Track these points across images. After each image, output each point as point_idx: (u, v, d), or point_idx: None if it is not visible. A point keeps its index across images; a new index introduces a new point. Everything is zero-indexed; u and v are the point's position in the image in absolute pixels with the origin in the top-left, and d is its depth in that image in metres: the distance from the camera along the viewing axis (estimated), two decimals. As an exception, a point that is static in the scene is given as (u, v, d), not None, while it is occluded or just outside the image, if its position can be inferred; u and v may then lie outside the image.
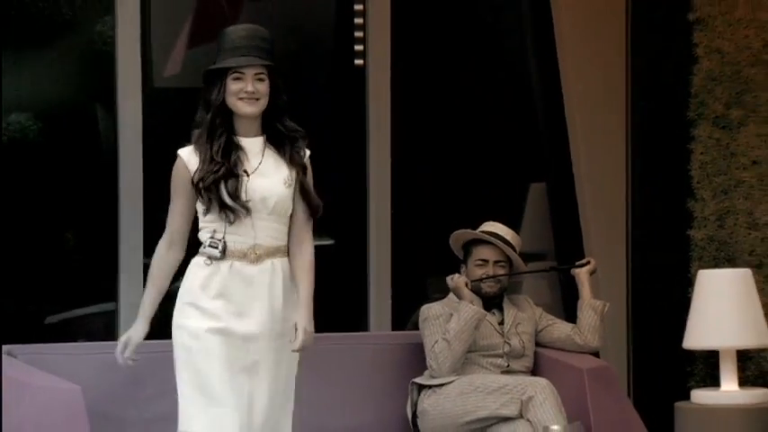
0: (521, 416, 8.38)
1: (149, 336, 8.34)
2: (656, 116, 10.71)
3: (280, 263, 6.00)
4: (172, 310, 7.40)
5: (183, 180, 6.02)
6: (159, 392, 8.38)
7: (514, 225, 10.00)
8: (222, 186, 5.86)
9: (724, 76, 10.23)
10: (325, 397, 9.00)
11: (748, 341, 9.35)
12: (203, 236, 5.85)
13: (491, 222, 9.31)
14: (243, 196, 5.97)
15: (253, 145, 6.07)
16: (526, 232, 10.48)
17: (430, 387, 8.82)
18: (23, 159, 9.90)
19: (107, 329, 9.75)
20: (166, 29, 10.26)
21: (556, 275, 10.57)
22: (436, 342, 8.89)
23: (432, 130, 11.32)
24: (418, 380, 8.86)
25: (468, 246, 9.16)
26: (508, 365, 8.94)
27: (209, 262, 5.73)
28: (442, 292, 9.31)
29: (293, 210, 6.29)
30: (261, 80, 6.05)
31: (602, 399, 8.93)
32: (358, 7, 10.92)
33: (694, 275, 9.64)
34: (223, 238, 5.79)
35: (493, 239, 9.16)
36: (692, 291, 9.51)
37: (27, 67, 9.97)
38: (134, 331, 6.50)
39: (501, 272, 9.06)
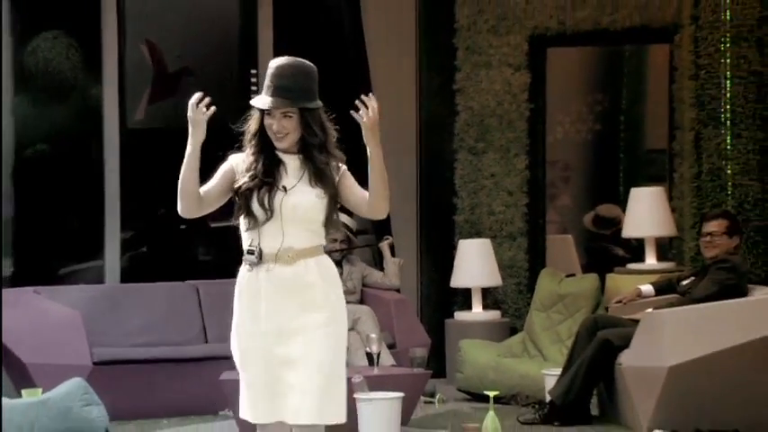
0: (352, 328, 8.90)
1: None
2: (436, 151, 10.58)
3: (314, 261, 4.76)
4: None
5: (228, 175, 4.86)
6: (135, 315, 9.17)
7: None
8: (254, 195, 4.73)
9: (474, 123, 10.38)
10: None
11: (487, 283, 10.01)
12: (244, 245, 4.76)
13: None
14: (273, 206, 4.74)
15: (292, 161, 4.81)
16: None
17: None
18: (41, 171, 10.21)
19: (98, 277, 10.04)
20: (135, 91, 10.41)
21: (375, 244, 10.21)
22: None
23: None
24: None
25: None
26: (346, 300, 9.52)
27: (249, 268, 4.70)
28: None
29: (352, 199, 4.90)
30: (288, 117, 4.79)
31: (402, 318, 9.46)
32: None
33: (457, 244, 10.17)
34: (258, 244, 4.69)
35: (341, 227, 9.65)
36: (456, 252, 10.10)
37: (44, 110, 10.22)
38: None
39: (341, 246, 9.49)
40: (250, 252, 4.80)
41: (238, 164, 4.91)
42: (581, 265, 10.98)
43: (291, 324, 4.73)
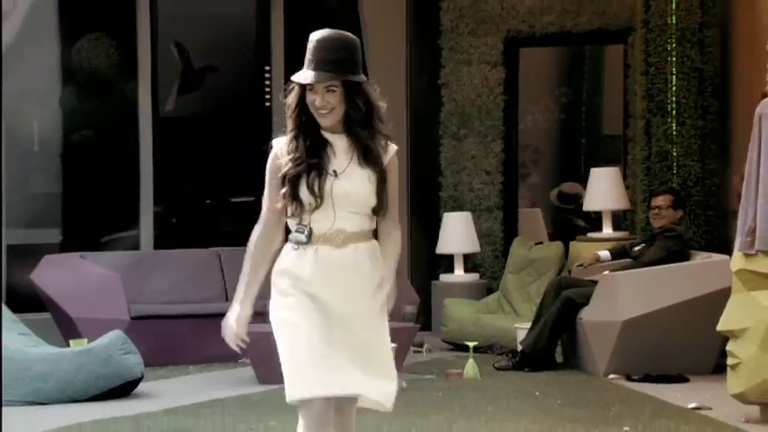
0: None
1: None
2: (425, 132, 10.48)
3: (364, 246, 3.90)
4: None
5: (274, 171, 3.91)
6: (166, 277, 9.17)
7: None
8: (303, 181, 3.85)
9: (456, 113, 10.34)
10: None
11: (467, 250, 10.00)
12: (291, 223, 3.90)
13: None
14: (323, 192, 3.84)
15: (339, 141, 3.91)
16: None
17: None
18: (85, 154, 10.23)
19: (134, 245, 10.05)
20: (166, 85, 10.36)
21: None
22: None
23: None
24: None
25: None
26: None
27: (296, 247, 3.83)
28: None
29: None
30: (332, 92, 3.86)
31: (397, 282, 9.72)
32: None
33: (442, 216, 10.17)
34: (309, 224, 3.83)
35: None
36: (441, 223, 10.06)
37: (88, 102, 10.25)
38: (241, 309, 4.06)
39: None
40: (299, 231, 3.91)
41: (282, 148, 3.98)
42: (548, 234, 10.96)
43: (340, 307, 3.86)
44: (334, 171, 3.92)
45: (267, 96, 10.57)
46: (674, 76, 9.16)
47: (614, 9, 9.90)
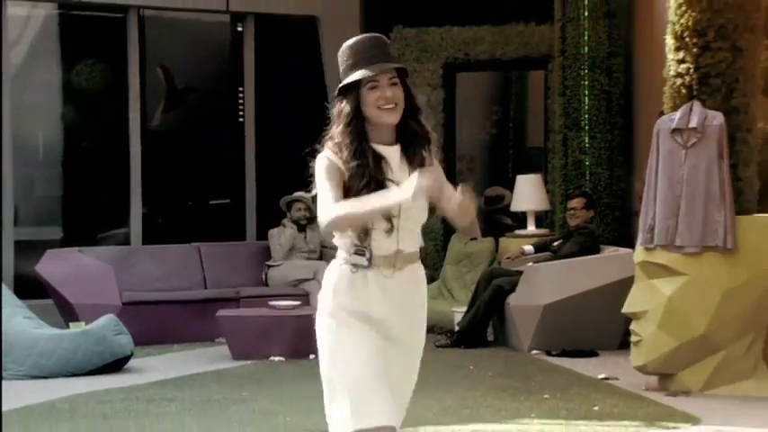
0: (313, 278, 8.78)
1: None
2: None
3: (418, 267, 3.15)
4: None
5: (338, 174, 3.04)
6: (153, 268, 9.08)
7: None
8: None
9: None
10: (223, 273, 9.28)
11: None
12: (345, 241, 3.07)
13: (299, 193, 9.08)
14: (391, 211, 3.02)
15: (393, 153, 3.10)
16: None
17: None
18: (83, 162, 10.11)
19: (125, 240, 9.93)
20: (152, 103, 10.30)
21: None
22: None
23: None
24: (268, 262, 9.14)
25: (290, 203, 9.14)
26: (308, 258, 9.14)
27: (354, 270, 3.05)
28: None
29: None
30: (395, 84, 3.09)
31: None
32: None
33: None
34: (369, 245, 3.03)
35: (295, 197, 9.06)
36: None
37: (85, 117, 10.11)
38: (404, 193, 2.93)
39: (304, 214, 9.12)
40: (359, 253, 3.07)
41: (338, 163, 3.09)
42: (481, 230, 10.93)
43: (399, 334, 3.13)
44: (397, 184, 3.06)
45: (240, 113, 10.51)
46: (586, 97, 9.20)
47: (536, 40, 9.93)
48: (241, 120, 10.46)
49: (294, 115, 10.41)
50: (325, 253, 9.37)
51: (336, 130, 3.13)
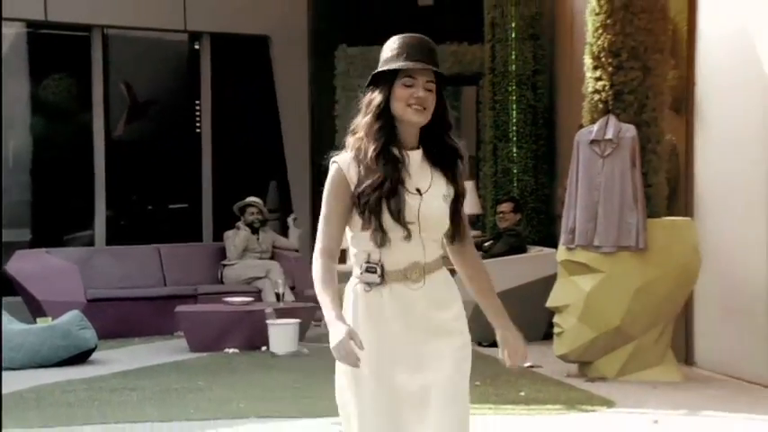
0: (265, 276, 8.75)
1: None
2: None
3: (441, 276, 2.72)
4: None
5: (343, 189, 2.65)
6: (115, 267, 8.88)
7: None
8: (384, 205, 2.62)
9: None
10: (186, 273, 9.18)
11: None
12: (358, 257, 2.66)
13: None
14: (408, 217, 2.63)
15: (414, 157, 2.69)
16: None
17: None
18: (51, 169, 10.00)
19: (89, 242, 9.85)
20: (116, 115, 10.20)
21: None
22: None
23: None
24: (223, 262, 9.08)
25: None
26: (261, 258, 9.01)
27: (368, 288, 2.64)
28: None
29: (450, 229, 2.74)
30: (430, 90, 2.67)
31: (299, 269, 8.83)
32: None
33: None
34: (380, 259, 2.62)
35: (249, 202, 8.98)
36: None
37: (53, 128, 10.01)
38: (345, 329, 2.54)
39: (257, 217, 9.04)
40: (370, 270, 2.65)
41: (350, 166, 2.67)
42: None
43: (422, 350, 2.66)
44: (417, 190, 2.68)
45: (197, 124, 10.45)
46: (514, 111, 9.21)
47: (469, 59, 9.91)
48: (198, 131, 10.40)
49: (247, 126, 10.44)
50: (276, 253, 9.32)
51: (362, 121, 2.70)
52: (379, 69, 2.70)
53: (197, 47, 10.37)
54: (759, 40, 6.13)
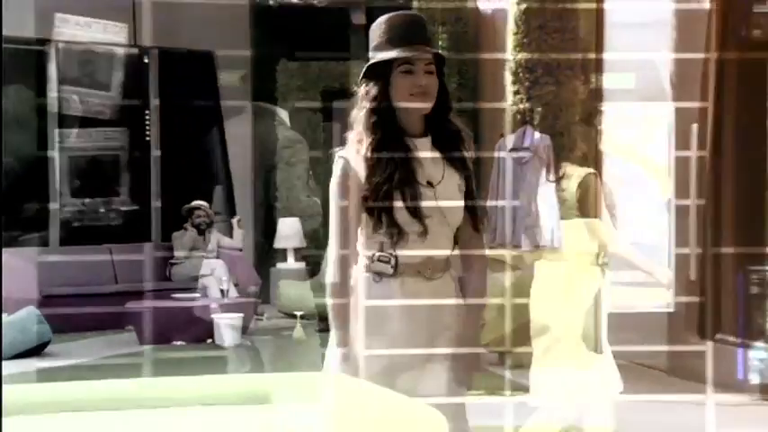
0: (211, 274, 8.54)
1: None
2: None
3: (450, 275, 2.43)
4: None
5: (354, 184, 2.34)
6: (69, 265, 8.75)
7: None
8: (397, 198, 2.31)
9: (289, 146, 10.17)
10: None
11: (297, 245, 9.68)
12: (367, 247, 2.39)
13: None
14: (424, 214, 2.32)
15: (424, 145, 2.36)
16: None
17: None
18: (9, 177, 9.46)
19: (45, 243, 9.53)
20: (69, 125, 9.96)
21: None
22: None
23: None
24: (171, 260, 8.97)
25: None
26: (206, 257, 8.88)
27: (377, 279, 2.36)
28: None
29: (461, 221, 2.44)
30: (430, 73, 2.33)
31: (243, 268, 8.98)
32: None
33: (278, 221, 9.78)
34: (394, 252, 2.33)
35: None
36: (277, 226, 9.70)
37: (11, 137, 9.58)
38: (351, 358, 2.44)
39: (204, 219, 8.95)
40: (383, 260, 2.36)
41: (356, 160, 2.37)
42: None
43: (428, 348, 2.40)
44: (429, 182, 2.36)
45: (147, 132, 10.26)
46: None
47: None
48: (148, 138, 10.25)
49: (193, 135, 10.27)
50: (221, 252, 9.21)
51: (359, 115, 2.38)
52: (374, 60, 2.34)
53: (146, 60, 10.23)
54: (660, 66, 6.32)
